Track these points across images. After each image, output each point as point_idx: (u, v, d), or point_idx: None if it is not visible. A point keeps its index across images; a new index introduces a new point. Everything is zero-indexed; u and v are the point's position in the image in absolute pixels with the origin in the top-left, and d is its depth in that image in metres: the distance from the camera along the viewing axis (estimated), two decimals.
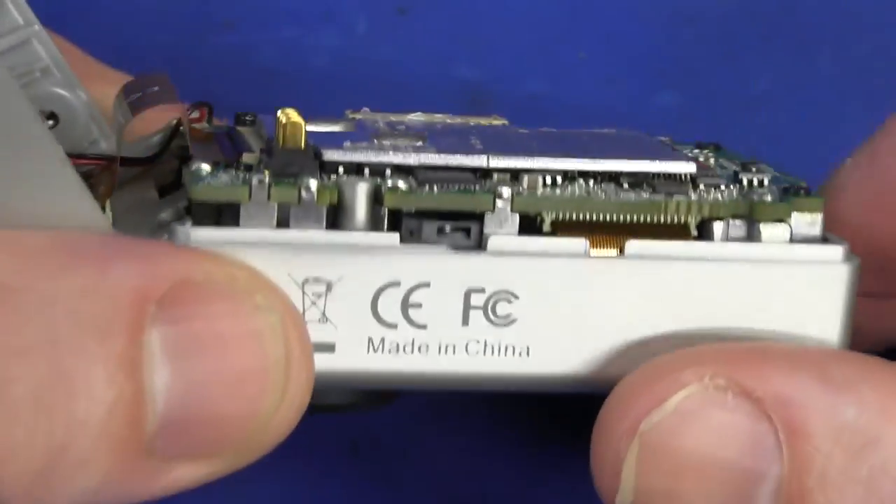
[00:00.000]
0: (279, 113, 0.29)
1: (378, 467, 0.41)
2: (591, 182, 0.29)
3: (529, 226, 0.28)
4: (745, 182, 0.30)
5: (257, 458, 0.27)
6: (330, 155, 0.29)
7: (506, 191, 0.28)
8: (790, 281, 0.29)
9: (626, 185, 0.29)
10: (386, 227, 0.28)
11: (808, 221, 0.29)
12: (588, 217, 0.29)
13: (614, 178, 0.30)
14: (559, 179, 0.29)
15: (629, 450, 0.27)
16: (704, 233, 0.29)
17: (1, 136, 0.26)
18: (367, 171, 0.29)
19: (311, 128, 0.30)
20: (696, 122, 0.32)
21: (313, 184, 0.27)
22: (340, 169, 0.29)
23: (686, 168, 0.30)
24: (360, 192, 0.28)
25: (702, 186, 0.29)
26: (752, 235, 0.29)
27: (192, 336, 0.26)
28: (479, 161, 0.29)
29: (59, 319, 0.25)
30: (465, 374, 0.28)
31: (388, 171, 0.29)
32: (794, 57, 0.42)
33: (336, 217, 0.28)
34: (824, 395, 0.27)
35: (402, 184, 0.28)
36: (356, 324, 0.28)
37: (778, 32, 0.42)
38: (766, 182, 0.30)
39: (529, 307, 0.28)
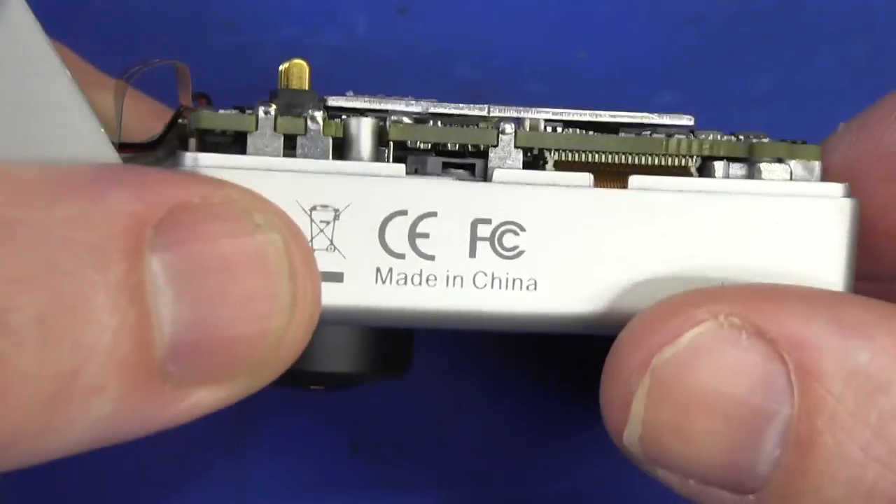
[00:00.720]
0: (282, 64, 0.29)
1: (378, 467, 0.41)
2: (593, 131, 0.30)
3: (533, 167, 0.29)
4: (741, 137, 0.30)
5: (274, 378, 0.27)
6: (334, 101, 0.29)
7: (509, 127, 0.28)
8: (793, 215, 0.29)
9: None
10: (391, 161, 0.28)
11: (806, 167, 0.29)
12: (590, 158, 0.29)
13: (614, 129, 0.30)
14: (559, 129, 0.29)
15: (640, 383, 0.27)
16: (705, 173, 0.29)
17: (13, 68, 0.26)
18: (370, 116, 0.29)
19: None
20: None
21: (319, 115, 0.28)
22: (344, 116, 0.29)
23: (685, 121, 0.30)
24: (365, 127, 0.28)
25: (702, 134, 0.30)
26: (752, 175, 0.29)
27: (192, 258, 0.25)
28: (481, 111, 0.29)
29: (56, 248, 0.25)
30: (474, 310, 0.28)
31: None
32: (794, 57, 0.42)
33: (342, 152, 0.28)
34: (838, 339, 0.27)
35: (406, 118, 0.28)
36: (364, 253, 0.28)
37: (778, 32, 0.42)
38: (762, 138, 0.30)
39: (536, 239, 0.28)
